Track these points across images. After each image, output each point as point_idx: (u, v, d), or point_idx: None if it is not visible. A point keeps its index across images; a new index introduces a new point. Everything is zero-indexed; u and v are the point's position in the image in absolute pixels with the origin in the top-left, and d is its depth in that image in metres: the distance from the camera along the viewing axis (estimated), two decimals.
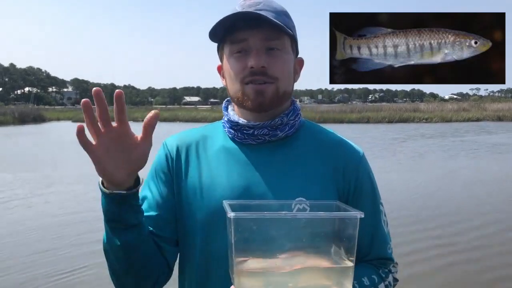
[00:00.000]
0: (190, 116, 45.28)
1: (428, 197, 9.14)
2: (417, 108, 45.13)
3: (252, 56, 1.13)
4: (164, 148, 1.27)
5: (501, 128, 28.10)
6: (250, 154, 1.19)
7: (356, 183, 1.20)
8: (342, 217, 0.97)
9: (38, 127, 37.24)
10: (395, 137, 22.97)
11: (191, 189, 1.20)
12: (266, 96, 1.15)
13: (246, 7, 1.15)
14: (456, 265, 5.58)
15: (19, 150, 18.86)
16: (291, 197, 1.12)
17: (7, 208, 8.69)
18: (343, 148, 1.23)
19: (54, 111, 62.80)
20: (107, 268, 1.16)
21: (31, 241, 6.61)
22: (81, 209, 8.27)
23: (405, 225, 6.94)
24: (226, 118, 1.24)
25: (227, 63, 1.19)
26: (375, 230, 1.23)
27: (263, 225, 0.93)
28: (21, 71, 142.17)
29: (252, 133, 1.19)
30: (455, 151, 16.83)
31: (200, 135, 1.28)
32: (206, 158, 1.22)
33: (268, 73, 1.14)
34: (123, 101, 0.99)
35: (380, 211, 1.25)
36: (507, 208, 8.32)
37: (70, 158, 15.00)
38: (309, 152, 1.20)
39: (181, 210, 1.21)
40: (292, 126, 1.21)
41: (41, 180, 11.47)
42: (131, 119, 1.22)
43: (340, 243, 0.96)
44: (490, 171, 12.36)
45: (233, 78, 1.17)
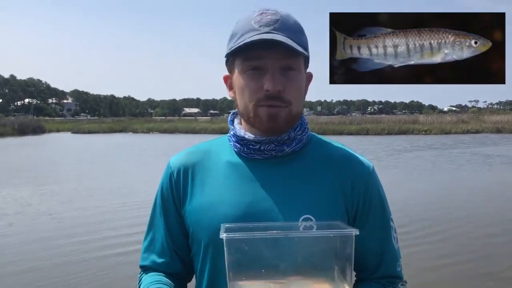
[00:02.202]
0: (189, 128, 45.35)
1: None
2: (416, 120, 45.27)
3: (268, 79, 1.09)
4: (168, 170, 1.25)
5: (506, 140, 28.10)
6: (256, 169, 1.17)
7: (365, 199, 1.17)
8: (337, 235, 0.94)
9: (38, 138, 37.22)
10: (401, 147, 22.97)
11: (197, 208, 1.18)
12: (279, 120, 1.12)
13: (264, 25, 1.11)
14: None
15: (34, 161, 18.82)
16: (297, 213, 1.10)
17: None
18: (351, 163, 1.20)
19: (54, 122, 62.99)
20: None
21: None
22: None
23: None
24: (232, 132, 1.22)
25: (239, 78, 1.15)
26: (384, 247, 1.20)
27: (255, 246, 0.92)
28: (21, 82, 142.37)
29: (258, 148, 1.16)
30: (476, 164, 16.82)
31: (205, 151, 1.25)
32: (211, 175, 1.20)
33: (283, 97, 1.11)
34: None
35: (390, 227, 1.22)
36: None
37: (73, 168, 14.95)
38: (317, 167, 1.18)
39: (190, 231, 1.20)
40: (299, 141, 1.18)
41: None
42: (131, 131, 1.22)
43: (337, 262, 0.95)
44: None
45: (245, 97, 1.14)
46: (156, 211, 1.27)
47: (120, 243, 6.93)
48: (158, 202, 1.26)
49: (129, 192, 11.21)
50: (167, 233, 1.23)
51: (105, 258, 6.34)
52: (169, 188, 1.23)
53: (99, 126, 51.94)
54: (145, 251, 1.27)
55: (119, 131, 47.29)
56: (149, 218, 1.29)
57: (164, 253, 1.23)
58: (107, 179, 13.70)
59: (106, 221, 8.41)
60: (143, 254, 1.27)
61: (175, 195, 1.22)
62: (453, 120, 44.63)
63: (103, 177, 14.02)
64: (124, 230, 7.65)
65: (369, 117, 72.40)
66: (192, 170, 1.22)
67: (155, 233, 1.26)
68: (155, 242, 1.25)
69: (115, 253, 6.52)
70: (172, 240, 1.23)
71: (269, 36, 1.08)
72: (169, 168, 1.25)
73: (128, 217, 8.57)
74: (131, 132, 46.13)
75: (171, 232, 1.23)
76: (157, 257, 1.24)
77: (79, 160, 19.44)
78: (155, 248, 1.25)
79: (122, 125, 53.00)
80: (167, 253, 1.23)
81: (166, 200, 1.24)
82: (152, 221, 1.28)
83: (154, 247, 1.25)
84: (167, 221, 1.24)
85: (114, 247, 6.77)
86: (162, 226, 1.24)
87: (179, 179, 1.22)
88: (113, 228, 7.86)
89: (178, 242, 1.23)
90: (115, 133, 46.03)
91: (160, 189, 1.26)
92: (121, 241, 7.05)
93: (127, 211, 9.06)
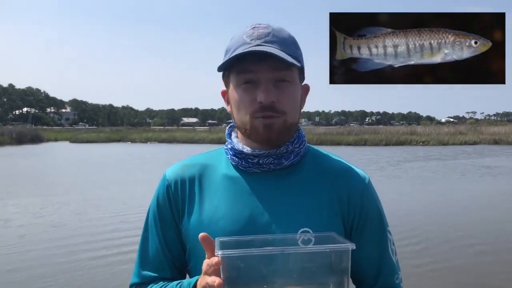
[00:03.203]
0: (188, 137, 45.36)
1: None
2: (414, 131, 45.37)
3: (261, 91, 1.10)
4: (164, 181, 1.24)
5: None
6: (254, 183, 1.17)
7: (361, 211, 1.18)
8: (333, 250, 0.93)
9: (36, 148, 37.16)
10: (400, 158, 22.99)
11: (196, 223, 1.17)
12: (274, 130, 1.12)
13: (255, 39, 1.12)
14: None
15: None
16: (296, 227, 1.10)
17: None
18: (347, 175, 1.20)
19: (52, 132, 62.92)
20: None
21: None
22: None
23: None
24: (230, 145, 1.21)
25: (234, 92, 1.16)
26: (381, 259, 1.19)
27: (251, 263, 0.91)
28: (20, 91, 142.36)
29: (257, 162, 1.16)
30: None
31: (202, 164, 1.24)
32: (209, 188, 1.19)
33: (276, 107, 1.11)
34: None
35: (388, 239, 1.21)
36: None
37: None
38: (314, 180, 1.18)
39: (188, 246, 1.19)
40: (297, 154, 1.18)
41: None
42: (129, 140, 1.20)
43: (333, 276, 0.94)
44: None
45: (241, 110, 1.15)
46: (150, 224, 1.24)
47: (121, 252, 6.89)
48: (154, 214, 1.23)
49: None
50: (164, 245, 1.21)
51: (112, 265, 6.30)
52: (167, 199, 1.21)
53: (97, 135, 51.88)
54: (139, 266, 1.24)
55: (117, 141, 47.22)
56: (142, 233, 1.25)
57: (161, 266, 1.20)
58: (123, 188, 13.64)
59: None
60: (137, 269, 1.24)
61: (173, 207, 1.21)
62: (450, 131, 44.71)
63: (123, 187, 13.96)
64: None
65: (367, 127, 72.55)
66: (190, 183, 1.21)
67: (150, 247, 1.22)
68: (150, 256, 1.22)
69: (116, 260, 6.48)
70: (170, 251, 1.21)
71: (259, 49, 1.09)
72: (165, 180, 1.23)
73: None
74: (129, 142, 46.08)
75: (168, 244, 1.21)
76: (154, 271, 1.21)
77: (80, 170, 19.38)
78: (151, 262, 1.21)
79: (120, 134, 52.93)
80: (165, 265, 1.20)
81: (163, 211, 1.22)
82: (146, 235, 1.24)
83: (150, 261, 1.21)
84: (164, 233, 1.21)
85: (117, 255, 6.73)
86: (159, 238, 1.21)
87: (177, 191, 1.21)
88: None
89: (175, 253, 1.21)
90: (113, 142, 45.97)
91: (156, 201, 1.23)
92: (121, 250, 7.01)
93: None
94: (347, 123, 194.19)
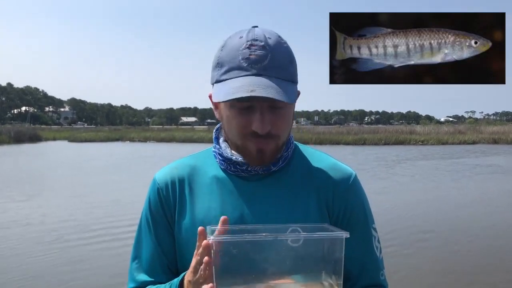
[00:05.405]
0: (186, 137, 45.32)
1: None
2: (413, 131, 45.37)
3: (257, 120, 1.07)
4: (155, 185, 1.23)
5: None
6: (242, 185, 1.17)
7: (346, 208, 1.18)
8: (326, 238, 0.93)
9: (34, 147, 37.11)
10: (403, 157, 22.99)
11: (188, 226, 1.16)
12: (267, 154, 1.12)
13: (252, 63, 1.06)
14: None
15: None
16: (285, 227, 1.08)
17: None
18: (333, 172, 1.20)
19: (51, 131, 62.86)
20: None
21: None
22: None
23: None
24: (218, 151, 1.20)
25: (226, 109, 1.12)
26: (366, 256, 1.19)
27: (244, 249, 0.90)
28: (18, 90, 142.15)
29: (245, 168, 1.16)
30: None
31: (191, 166, 1.23)
32: (199, 190, 1.19)
33: (271, 134, 1.10)
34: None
35: (372, 236, 1.21)
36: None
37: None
38: (300, 181, 1.18)
39: (181, 249, 1.18)
40: (285, 159, 1.18)
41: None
42: (127, 139, 1.20)
43: (327, 266, 0.93)
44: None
45: (233, 129, 1.12)
46: (144, 229, 1.23)
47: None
48: (146, 218, 1.23)
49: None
50: (159, 248, 1.20)
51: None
52: (159, 203, 1.21)
53: (96, 134, 51.82)
54: (134, 271, 1.22)
55: (115, 140, 47.16)
56: (135, 238, 1.25)
57: (156, 271, 1.20)
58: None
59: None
60: (133, 274, 1.22)
61: (166, 210, 1.20)
62: (450, 131, 44.71)
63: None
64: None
65: (366, 127, 72.52)
66: (180, 185, 1.21)
67: (145, 252, 1.21)
68: (145, 261, 1.21)
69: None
70: (165, 254, 1.20)
71: (257, 82, 1.04)
72: (156, 183, 1.23)
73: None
74: (128, 141, 46.02)
75: (163, 248, 1.20)
76: (150, 275, 1.20)
77: (78, 170, 19.35)
78: (147, 266, 1.21)
79: (119, 134, 52.86)
80: (160, 269, 1.20)
81: (156, 215, 1.21)
82: (139, 240, 1.24)
83: (145, 266, 1.21)
84: (158, 236, 1.21)
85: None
86: (153, 242, 1.21)
87: (168, 194, 1.20)
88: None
89: (170, 256, 1.20)
90: (112, 141, 45.91)
91: (148, 205, 1.23)
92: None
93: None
94: (346, 122, 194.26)
